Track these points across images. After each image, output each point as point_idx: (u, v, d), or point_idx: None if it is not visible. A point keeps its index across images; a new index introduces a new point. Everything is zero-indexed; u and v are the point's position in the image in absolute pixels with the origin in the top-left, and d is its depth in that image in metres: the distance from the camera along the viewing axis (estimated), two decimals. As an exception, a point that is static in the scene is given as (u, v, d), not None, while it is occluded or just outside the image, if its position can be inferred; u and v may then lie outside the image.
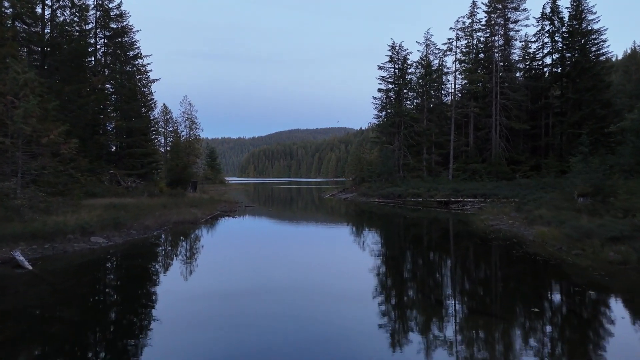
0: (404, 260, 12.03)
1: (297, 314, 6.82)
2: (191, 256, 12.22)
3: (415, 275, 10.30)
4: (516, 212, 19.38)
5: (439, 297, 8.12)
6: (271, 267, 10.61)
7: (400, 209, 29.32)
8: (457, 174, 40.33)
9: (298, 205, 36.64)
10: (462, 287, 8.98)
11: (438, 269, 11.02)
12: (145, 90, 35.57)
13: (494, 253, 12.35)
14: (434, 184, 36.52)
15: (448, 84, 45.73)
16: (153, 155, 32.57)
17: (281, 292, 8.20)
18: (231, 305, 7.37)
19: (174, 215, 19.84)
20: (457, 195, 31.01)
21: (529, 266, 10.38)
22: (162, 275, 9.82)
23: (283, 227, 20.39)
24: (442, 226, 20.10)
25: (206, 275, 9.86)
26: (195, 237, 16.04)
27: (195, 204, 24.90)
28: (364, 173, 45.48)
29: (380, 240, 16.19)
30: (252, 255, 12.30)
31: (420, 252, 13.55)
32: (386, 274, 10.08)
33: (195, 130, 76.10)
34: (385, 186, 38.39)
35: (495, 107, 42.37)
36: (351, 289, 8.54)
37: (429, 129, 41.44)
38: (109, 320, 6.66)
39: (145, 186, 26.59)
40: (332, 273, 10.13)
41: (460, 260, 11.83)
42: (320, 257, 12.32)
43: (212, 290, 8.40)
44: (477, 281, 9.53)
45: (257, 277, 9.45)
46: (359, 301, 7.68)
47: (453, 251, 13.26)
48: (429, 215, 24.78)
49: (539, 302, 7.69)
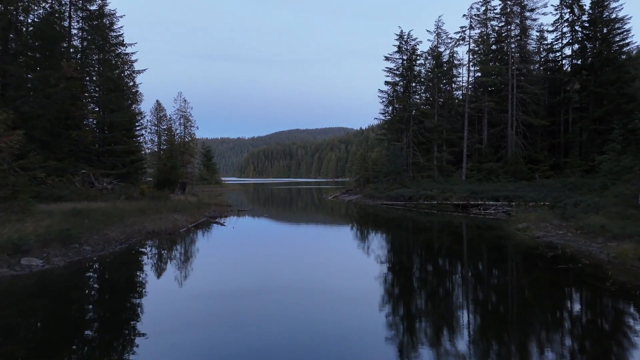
0: (443, 303, 7.99)
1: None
2: (145, 294, 8.43)
3: (468, 338, 6.10)
4: (560, 219, 16.11)
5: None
6: (264, 315, 7.29)
7: (412, 212, 26.07)
8: (471, 174, 37.07)
9: (297, 209, 33.34)
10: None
11: (503, 319, 7.50)
12: (129, 81, 32.30)
13: (576, 287, 8.87)
14: (448, 184, 33.25)
15: (460, 77, 42.53)
16: (136, 153, 29.25)
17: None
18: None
19: (149, 224, 16.57)
20: (475, 198, 27.74)
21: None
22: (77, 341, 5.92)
23: (279, 239, 16.86)
24: (474, 237, 16.77)
25: (165, 339, 6.03)
26: (164, 256, 12.57)
27: (180, 208, 21.61)
28: (368, 173, 42.22)
29: (401, 260, 12.91)
30: (235, 290, 8.70)
31: (462, 283, 9.41)
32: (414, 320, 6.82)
33: (191, 128, 72.84)
34: (393, 187, 35.11)
35: (511, 102, 39.11)
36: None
37: (440, 125, 38.17)
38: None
39: (123, 188, 23.30)
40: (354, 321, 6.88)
41: (536, 307, 7.44)
42: (333, 294, 8.31)
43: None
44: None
45: (244, 338, 6.19)
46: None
47: (513, 283, 9.24)
48: (449, 221, 21.52)
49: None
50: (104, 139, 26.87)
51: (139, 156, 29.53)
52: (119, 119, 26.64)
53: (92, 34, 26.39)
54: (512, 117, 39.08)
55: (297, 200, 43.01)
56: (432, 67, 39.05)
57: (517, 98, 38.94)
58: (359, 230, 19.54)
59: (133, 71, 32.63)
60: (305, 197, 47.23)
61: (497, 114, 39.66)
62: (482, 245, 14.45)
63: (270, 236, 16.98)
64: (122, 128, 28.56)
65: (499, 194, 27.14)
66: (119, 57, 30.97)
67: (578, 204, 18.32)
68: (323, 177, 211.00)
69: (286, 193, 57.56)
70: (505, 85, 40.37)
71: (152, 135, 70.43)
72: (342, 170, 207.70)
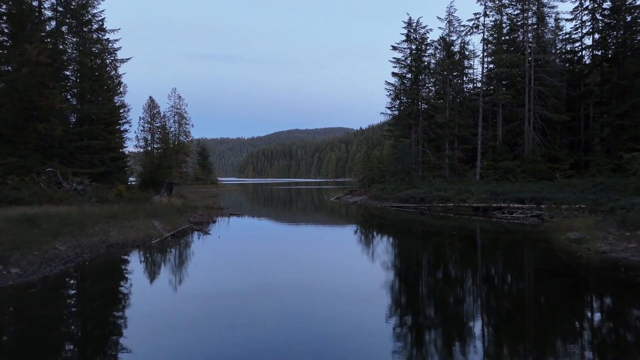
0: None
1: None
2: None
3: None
4: (620, 227, 13.08)
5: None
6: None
7: (426, 216, 23.05)
8: (485, 174, 34.06)
9: (297, 212, 30.26)
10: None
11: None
12: (111, 70, 29.22)
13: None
14: (462, 185, 30.22)
15: (472, 69, 39.49)
16: (117, 149, 26.16)
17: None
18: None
19: (116, 233, 13.53)
20: (497, 200, 24.72)
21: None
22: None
23: (274, 252, 13.50)
24: (515, 250, 13.67)
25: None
26: (111, 285, 8.78)
27: (161, 213, 18.57)
28: (373, 172, 39.17)
29: (431, 286, 9.85)
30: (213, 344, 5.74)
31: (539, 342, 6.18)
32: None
33: (185, 125, 69.83)
34: (401, 188, 32.07)
35: (528, 95, 36.09)
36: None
37: (452, 120, 35.12)
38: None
39: (96, 189, 20.24)
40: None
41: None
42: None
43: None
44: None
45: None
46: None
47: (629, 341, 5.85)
48: (473, 227, 18.47)
49: None
50: (79, 133, 23.78)
51: (120, 153, 26.41)
52: (95, 111, 23.55)
53: (64, 15, 23.30)
54: (530, 111, 36.07)
55: (296, 202, 39.96)
56: (443, 58, 36.00)
57: (535, 91, 35.95)
58: (373, 243, 16.48)
59: (115, 60, 29.57)
60: (305, 199, 44.15)
61: (512, 109, 36.66)
62: (537, 264, 11.35)
63: (263, 249, 13.90)
64: (101, 122, 25.48)
65: (524, 195, 24.11)
66: (99, 43, 27.90)
67: (626, 208, 15.36)
68: (323, 177, 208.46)
69: (285, 194, 54.47)
70: (521, 77, 37.40)
71: (145, 134, 67.63)
72: (342, 170, 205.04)
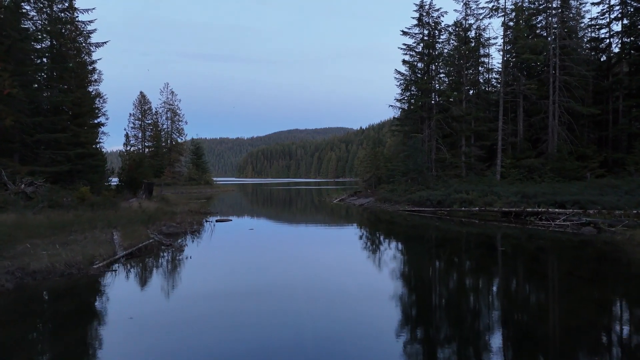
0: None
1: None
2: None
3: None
4: None
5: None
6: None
7: (447, 222, 19.37)
8: (507, 173, 30.44)
9: (297, 217, 26.54)
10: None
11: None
12: (85, 55, 25.56)
13: None
14: (483, 185, 26.55)
15: (489, 57, 35.81)
16: (88, 145, 22.48)
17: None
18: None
19: (48, 253, 9.88)
20: (529, 203, 21.07)
21: None
22: None
23: (264, 282, 8.92)
24: (605, 280, 9.98)
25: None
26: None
27: (127, 221, 14.94)
28: (381, 172, 35.51)
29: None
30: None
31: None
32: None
33: (179, 122, 66.17)
34: (414, 189, 28.42)
35: (553, 86, 32.46)
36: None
37: (469, 113, 31.46)
38: None
39: (50, 192, 16.58)
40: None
41: None
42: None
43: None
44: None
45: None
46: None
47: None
48: (519, 239, 14.82)
49: None
50: (39, 125, 20.08)
51: (92, 150, 22.73)
52: (58, 99, 19.89)
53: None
54: (554, 104, 32.44)
55: (295, 205, 36.29)
56: (459, 44, 32.35)
57: (561, 81, 32.32)
58: (398, 262, 12.80)
59: (89, 44, 25.92)
60: (306, 201, 40.46)
61: (535, 101, 33.02)
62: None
63: (250, 276, 10.22)
64: (68, 113, 21.84)
65: (562, 198, 20.43)
66: (70, 23, 24.27)
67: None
68: (323, 177, 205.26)
69: (284, 195, 50.80)
70: (545, 65, 33.78)
71: (136, 131, 63.97)
72: (343, 170, 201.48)
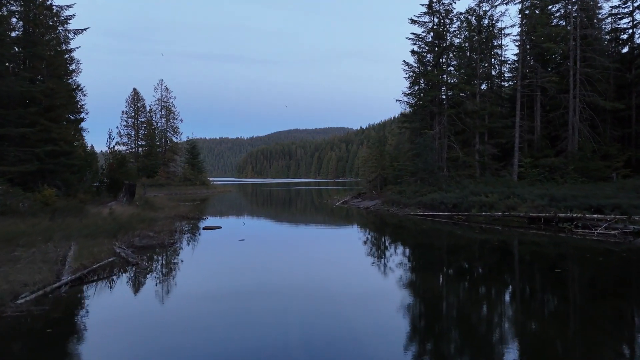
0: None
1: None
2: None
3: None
4: None
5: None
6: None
7: (467, 229, 16.87)
8: (525, 173, 27.97)
9: (297, 223, 24.01)
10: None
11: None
12: (63, 44, 23.07)
13: None
14: (502, 187, 24.04)
15: (503, 48, 33.32)
16: (61, 142, 19.96)
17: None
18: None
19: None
20: (559, 208, 18.57)
21: None
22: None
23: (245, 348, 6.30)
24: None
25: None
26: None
27: (89, 231, 12.44)
28: (387, 172, 33.02)
29: None
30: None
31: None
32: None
33: (174, 121, 63.59)
34: (425, 191, 25.91)
35: (573, 79, 30.00)
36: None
37: (483, 108, 28.96)
38: None
39: (5, 195, 14.08)
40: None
41: None
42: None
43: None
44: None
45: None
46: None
47: None
48: (565, 251, 12.31)
49: None
50: (3, 118, 17.57)
51: (65, 147, 20.21)
52: (21, 89, 17.36)
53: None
54: (575, 98, 29.98)
55: (295, 208, 33.79)
56: (472, 33, 29.83)
57: (582, 74, 29.86)
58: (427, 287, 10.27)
59: (66, 30, 23.43)
60: (306, 203, 37.94)
61: (553, 96, 30.53)
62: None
63: (229, 321, 7.65)
64: (37, 104, 19.34)
65: (600, 202, 17.91)
66: (46, 8, 21.77)
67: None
68: (323, 177, 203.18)
69: (283, 196, 48.28)
70: (564, 57, 31.29)
71: (129, 129, 61.43)
72: (343, 170, 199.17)
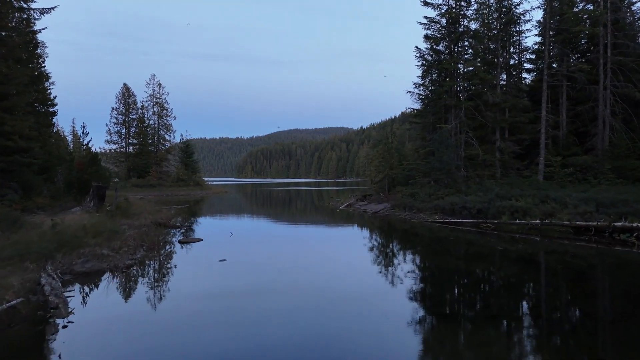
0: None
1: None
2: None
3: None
4: None
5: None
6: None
7: (502, 240, 13.70)
8: (554, 172, 24.88)
9: (296, 233, 20.68)
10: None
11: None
12: (24, 26, 19.97)
13: None
14: (531, 189, 20.90)
15: (524, 35, 30.19)
16: (14, 136, 16.81)
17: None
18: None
19: None
20: (608, 214, 15.46)
21: None
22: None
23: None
24: None
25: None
26: None
27: (19, 251, 9.33)
28: (395, 172, 29.89)
29: None
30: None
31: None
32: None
33: (167, 118, 60.43)
34: (441, 193, 22.78)
35: (604, 68, 26.90)
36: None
37: (505, 100, 25.83)
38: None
39: None
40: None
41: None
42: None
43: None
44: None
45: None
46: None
47: None
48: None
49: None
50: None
51: (20, 143, 17.05)
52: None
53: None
54: (606, 89, 26.88)
55: (295, 211, 30.65)
56: (491, 17, 26.70)
57: (613, 62, 26.76)
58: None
59: (29, 9, 20.31)
60: (307, 206, 34.78)
61: (581, 87, 27.42)
62: None
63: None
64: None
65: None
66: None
67: None
68: (323, 177, 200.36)
69: (282, 198, 45.13)
70: (595, 44, 28.17)
71: (119, 127, 58.29)
72: (343, 170, 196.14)
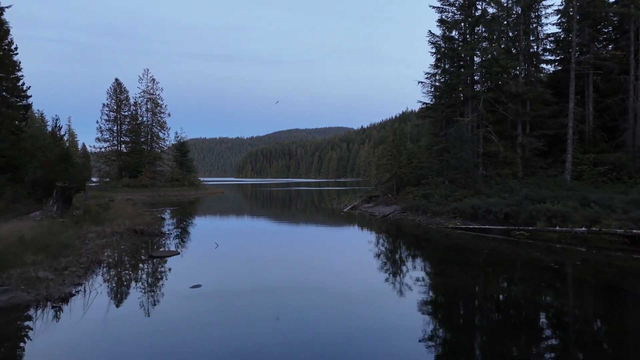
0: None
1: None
2: None
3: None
4: None
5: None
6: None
7: (549, 252, 11.08)
8: (578, 171, 22.29)
9: (295, 242, 17.92)
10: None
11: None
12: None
13: None
14: (564, 190, 18.29)
15: (545, 22, 27.62)
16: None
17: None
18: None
19: None
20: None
21: None
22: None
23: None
24: None
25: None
26: None
27: None
28: (404, 171, 27.28)
29: None
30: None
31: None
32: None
33: (160, 115, 57.82)
34: (458, 194, 20.17)
35: (635, 56, 24.30)
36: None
37: (529, 91, 23.22)
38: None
39: None
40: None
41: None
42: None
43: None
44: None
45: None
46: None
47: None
48: None
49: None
50: None
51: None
52: None
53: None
54: (638, 80, 24.27)
55: (294, 214, 28.04)
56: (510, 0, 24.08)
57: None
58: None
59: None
60: (308, 209, 32.14)
61: (610, 77, 24.84)
62: None
63: None
64: None
65: None
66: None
67: None
68: (323, 177, 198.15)
69: (281, 199, 42.52)
70: (624, 31, 25.58)
71: (110, 124, 55.66)
72: (344, 170, 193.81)
